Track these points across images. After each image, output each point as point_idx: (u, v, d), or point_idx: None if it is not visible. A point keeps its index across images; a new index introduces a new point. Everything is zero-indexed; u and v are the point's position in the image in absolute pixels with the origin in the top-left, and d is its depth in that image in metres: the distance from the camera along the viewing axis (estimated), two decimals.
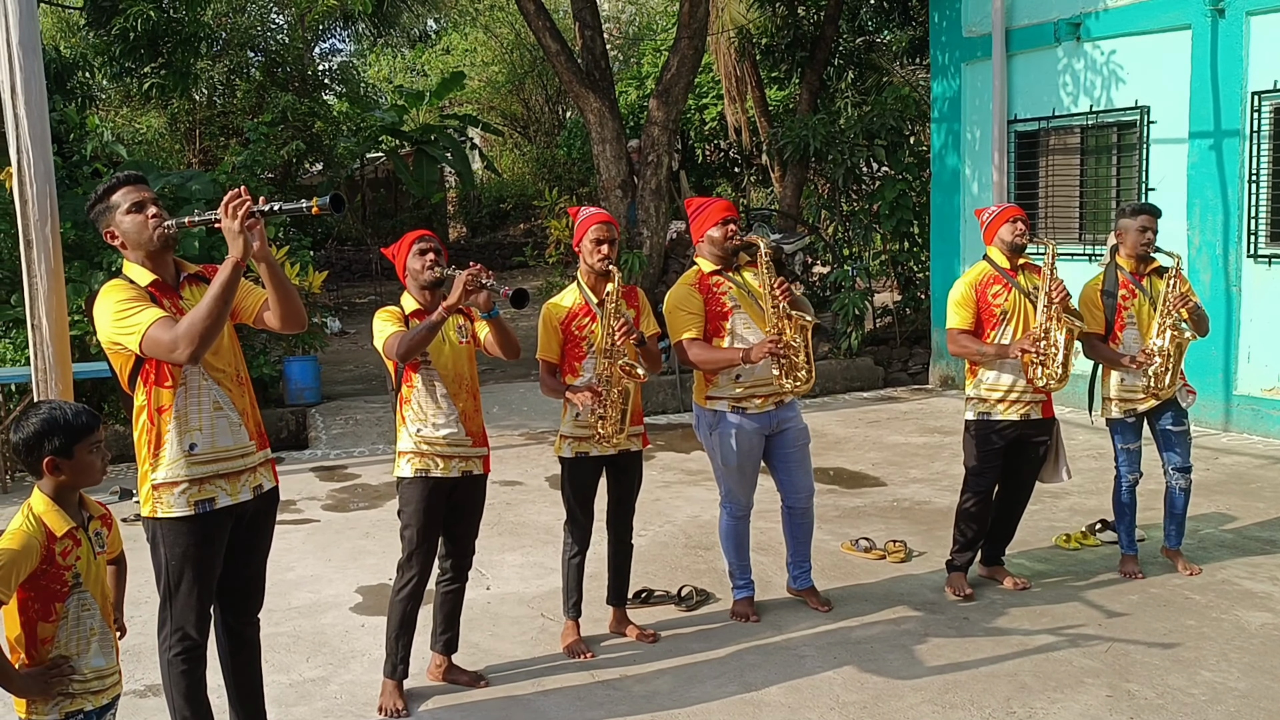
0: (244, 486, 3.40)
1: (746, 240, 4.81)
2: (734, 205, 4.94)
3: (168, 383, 3.25)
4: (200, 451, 3.29)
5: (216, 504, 3.32)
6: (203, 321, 3.02)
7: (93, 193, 3.30)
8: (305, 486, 7.76)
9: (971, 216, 10.41)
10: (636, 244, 10.80)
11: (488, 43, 24.26)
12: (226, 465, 3.34)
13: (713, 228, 4.80)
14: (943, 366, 10.88)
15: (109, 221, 3.27)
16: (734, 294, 4.80)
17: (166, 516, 3.27)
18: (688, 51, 10.66)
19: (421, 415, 4.15)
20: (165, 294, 3.28)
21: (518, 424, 9.48)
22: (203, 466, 3.29)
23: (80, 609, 2.80)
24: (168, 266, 3.34)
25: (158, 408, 3.26)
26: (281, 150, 14.24)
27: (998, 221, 5.18)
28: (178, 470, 3.26)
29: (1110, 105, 9.09)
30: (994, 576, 5.39)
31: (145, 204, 3.26)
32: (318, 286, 9.60)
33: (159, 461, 3.27)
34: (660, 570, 5.70)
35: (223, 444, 3.33)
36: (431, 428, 4.14)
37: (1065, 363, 5.01)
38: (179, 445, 3.27)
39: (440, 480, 4.16)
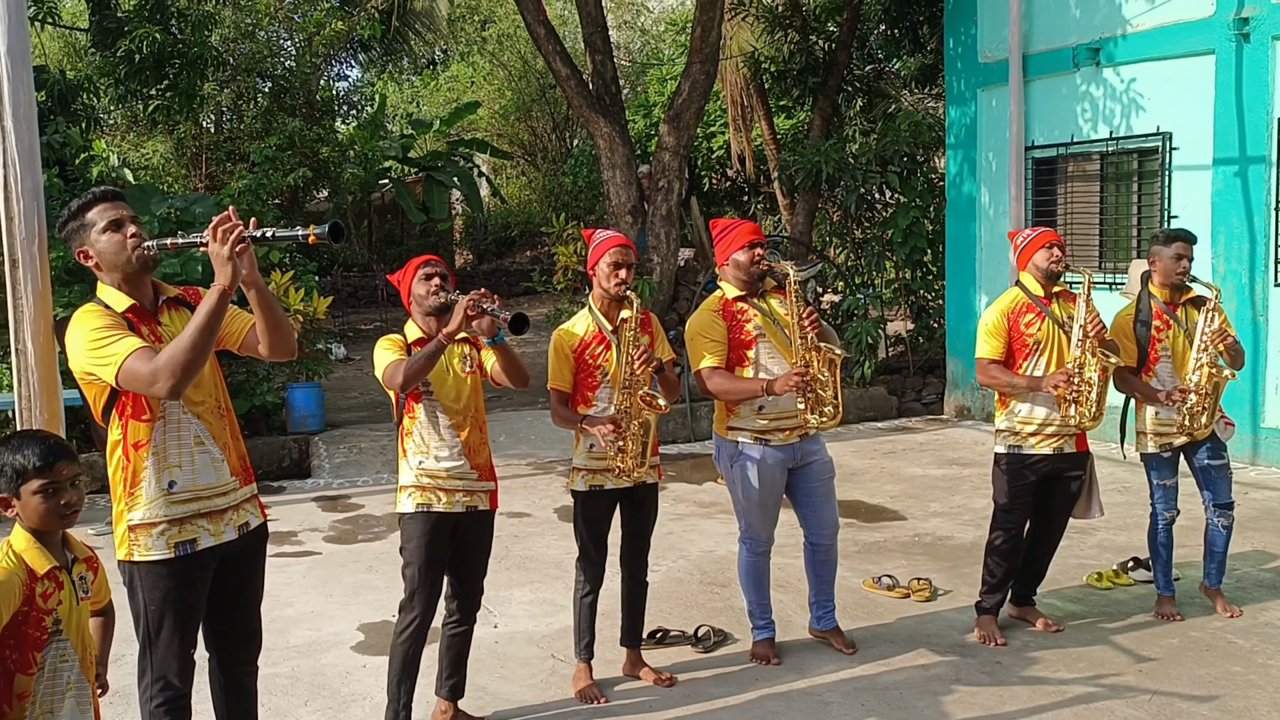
0: (228, 525, 3.16)
1: (774, 266, 4.61)
2: (760, 229, 4.72)
3: (145, 416, 3.03)
4: (180, 490, 3.06)
5: (198, 545, 3.08)
6: (185, 353, 2.80)
7: (65, 209, 3.09)
8: (307, 517, 7.54)
9: (988, 244, 10.24)
10: (647, 270, 10.62)
11: (494, 71, 24.23)
12: (208, 504, 3.11)
13: (739, 251, 4.60)
14: (958, 396, 10.66)
15: (83, 240, 3.04)
16: (759, 321, 4.60)
17: (144, 560, 3.04)
18: (699, 76, 10.53)
19: (424, 447, 3.95)
20: (143, 320, 3.06)
21: (525, 453, 9.26)
22: (183, 505, 3.06)
23: (58, 659, 2.55)
24: (146, 290, 3.12)
25: (134, 443, 3.04)
26: (288, 176, 14.10)
27: (1033, 246, 4.97)
28: (156, 510, 3.04)
29: (1131, 131, 8.92)
30: (1025, 618, 5.15)
31: (123, 222, 3.04)
32: (322, 312, 9.42)
33: (135, 501, 3.04)
34: (675, 608, 5.47)
35: (204, 481, 3.11)
36: (434, 460, 3.93)
37: (1100, 400, 4.80)
38: (157, 483, 3.03)
39: (444, 515, 3.95)
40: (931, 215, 11.46)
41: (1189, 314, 5.12)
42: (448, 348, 3.83)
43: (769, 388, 4.44)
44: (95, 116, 12.01)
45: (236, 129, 17.31)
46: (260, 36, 17.80)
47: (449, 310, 3.83)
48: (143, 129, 16.39)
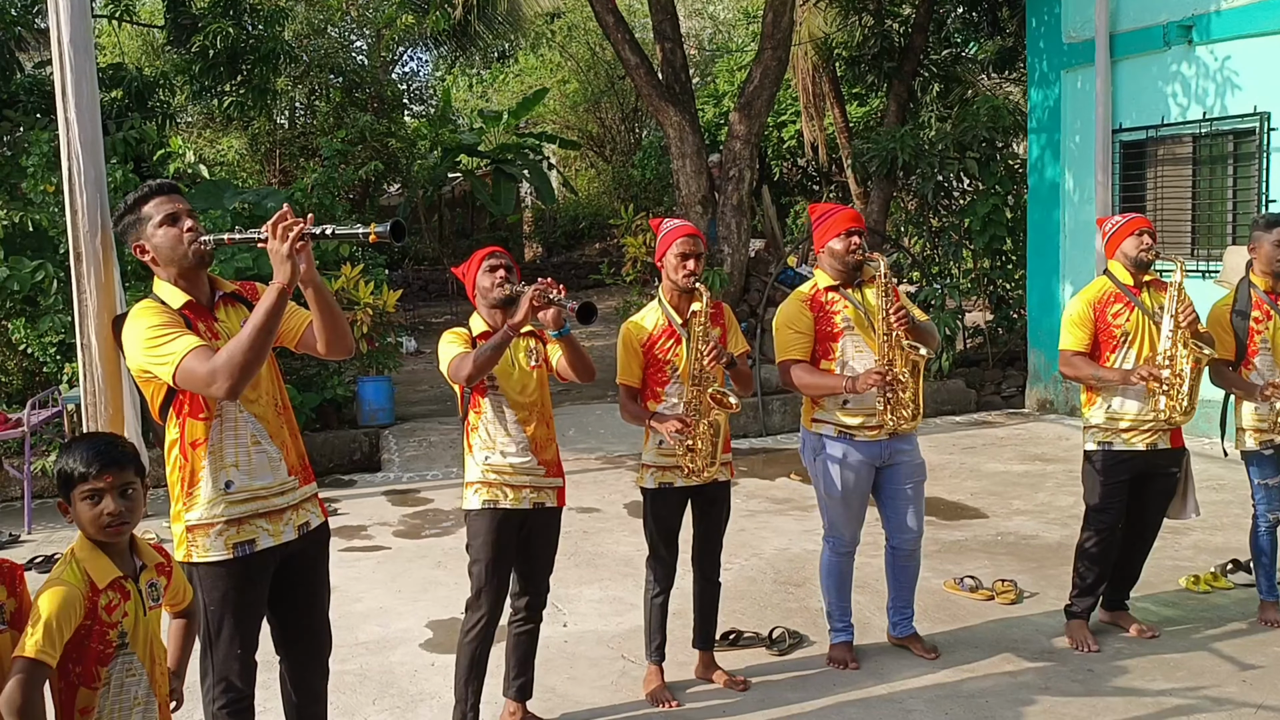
0: (287, 525, 3.08)
1: (868, 256, 4.41)
2: (859, 215, 4.51)
3: (202, 414, 2.96)
4: (237, 490, 2.99)
5: (257, 545, 3.02)
6: (244, 353, 2.72)
7: (120, 203, 3.03)
8: (377, 511, 7.53)
9: (1073, 231, 9.89)
10: (717, 261, 10.44)
11: (563, 63, 24.18)
12: (266, 503, 3.04)
13: (835, 238, 4.41)
14: (1040, 390, 10.32)
15: (139, 235, 2.98)
16: (848, 314, 4.42)
17: (203, 561, 2.97)
18: (771, 63, 10.31)
19: (490, 442, 3.84)
20: (200, 317, 2.99)
21: (594, 447, 9.16)
22: (241, 506, 2.99)
23: (125, 674, 2.46)
24: (202, 285, 3.05)
25: (191, 442, 2.97)
26: (359, 170, 14.20)
27: (1122, 233, 4.72)
28: (214, 510, 2.97)
29: (1225, 112, 8.51)
30: (1118, 623, 4.90)
31: (180, 216, 2.97)
32: (392, 306, 9.40)
33: (193, 501, 2.98)
34: (749, 609, 5.31)
35: (262, 480, 3.03)
36: (500, 455, 3.83)
37: (1192, 394, 4.54)
38: (214, 483, 2.97)
39: (510, 512, 3.84)
40: (1011, 203, 11.10)
41: None
42: (513, 341, 3.72)
43: (851, 385, 4.27)
44: (171, 113, 12.14)
45: (309, 124, 17.51)
46: (331, 32, 17.96)
47: (514, 302, 3.71)
48: (218, 125, 16.65)
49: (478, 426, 3.86)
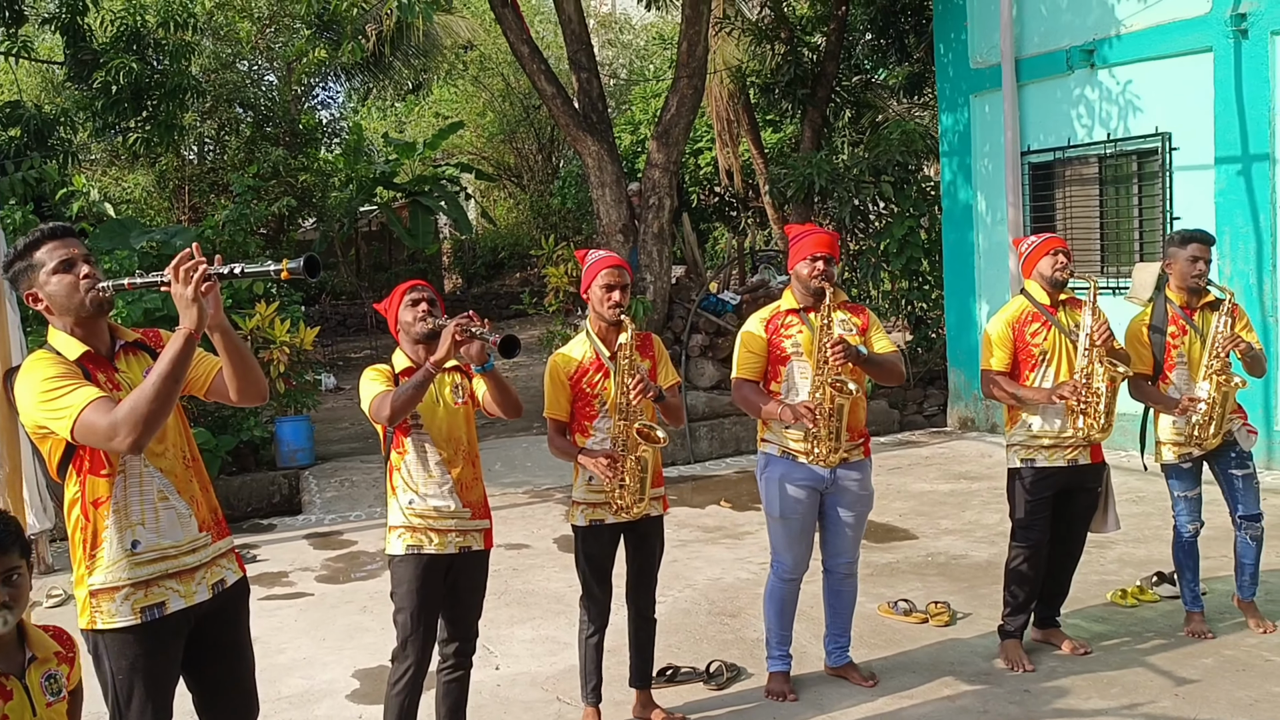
0: (200, 585, 2.90)
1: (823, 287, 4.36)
2: (833, 240, 4.44)
3: (104, 471, 2.77)
4: (145, 549, 2.80)
5: (167, 608, 2.83)
6: (148, 404, 2.56)
7: (11, 248, 2.84)
8: (298, 556, 7.29)
9: (986, 251, 10.07)
10: (640, 289, 10.41)
11: (477, 93, 24.06)
12: (176, 563, 2.86)
13: (801, 262, 4.39)
14: (961, 408, 10.46)
15: (31, 282, 2.79)
16: (800, 339, 4.38)
17: (109, 628, 2.79)
18: (687, 91, 10.35)
19: (413, 484, 3.71)
20: (99, 367, 2.82)
21: (521, 481, 9.03)
22: (148, 567, 2.81)
23: None
24: (101, 334, 2.87)
25: (93, 500, 2.78)
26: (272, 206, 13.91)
27: (1037, 253, 4.79)
28: (119, 573, 2.78)
29: (1129, 133, 8.76)
30: (1050, 640, 4.93)
31: (75, 262, 2.79)
32: (309, 343, 9.18)
33: (97, 564, 2.79)
34: (684, 642, 5.23)
35: (171, 538, 2.85)
36: (424, 499, 3.70)
37: (1109, 411, 4.60)
38: (119, 544, 2.78)
39: (435, 557, 3.71)
40: (926, 225, 11.29)
41: (1207, 319, 4.93)
42: (437, 377, 3.61)
43: (783, 414, 4.24)
44: (73, 151, 11.76)
45: (219, 160, 17.13)
46: (241, 66, 17.63)
47: (438, 336, 3.62)
48: (124, 162, 16.19)
49: (400, 467, 3.73)
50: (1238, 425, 4.92)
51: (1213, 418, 4.76)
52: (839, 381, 4.20)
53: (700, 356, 10.47)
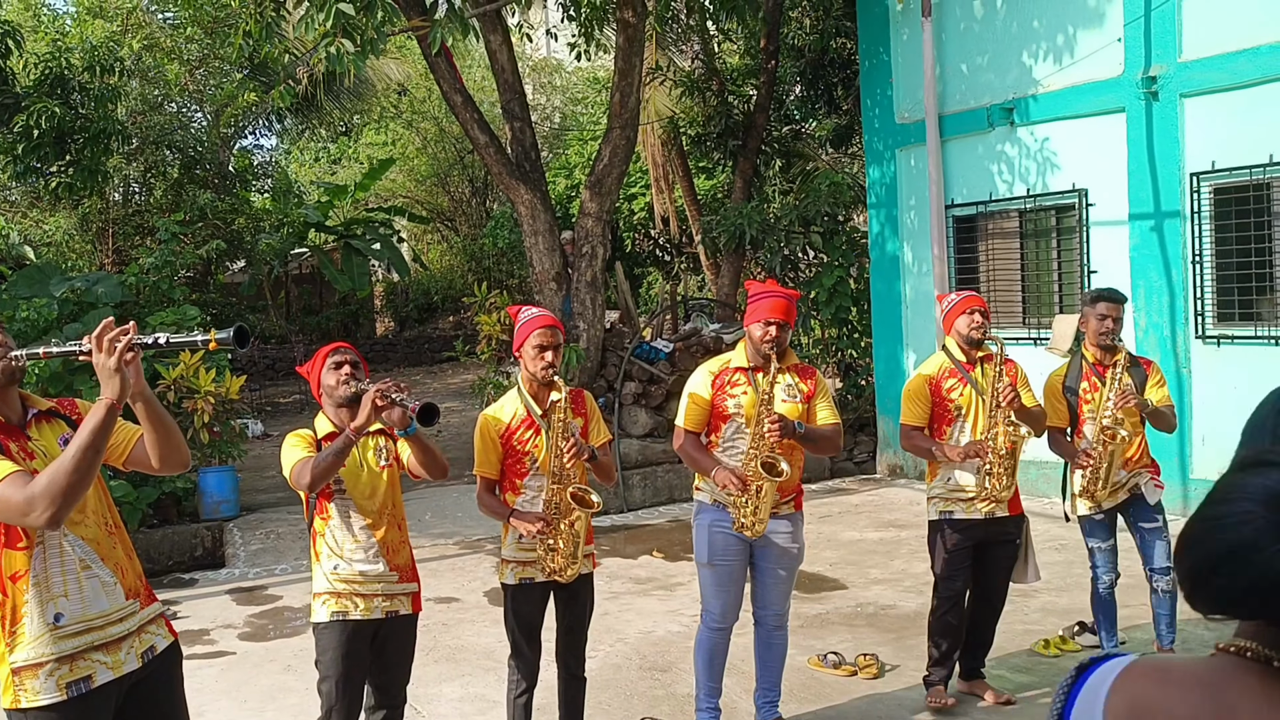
0: (129, 654, 2.84)
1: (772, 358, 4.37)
2: (790, 304, 4.38)
3: (20, 544, 2.70)
4: (68, 622, 2.73)
5: (94, 681, 2.76)
6: (67, 476, 2.51)
7: None
8: (220, 612, 7.12)
9: (913, 301, 10.28)
10: (573, 337, 10.43)
11: (409, 137, 24.05)
12: (103, 634, 2.79)
13: (755, 324, 4.40)
14: (890, 455, 10.60)
15: None
16: (744, 400, 4.39)
17: (33, 706, 2.70)
18: (620, 142, 10.45)
19: (338, 550, 3.66)
20: (10, 437, 2.76)
21: (451, 532, 8.93)
22: (74, 640, 2.74)
23: None
24: (12, 403, 2.82)
25: (11, 575, 2.71)
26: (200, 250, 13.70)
27: (955, 311, 4.90)
28: (42, 648, 2.71)
29: (1047, 189, 9.03)
30: (974, 692, 5.00)
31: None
32: (235, 392, 9.03)
33: (18, 640, 2.71)
34: (614, 699, 5.20)
35: (97, 608, 2.78)
36: (349, 564, 3.65)
37: (1011, 472, 4.71)
38: (41, 618, 2.71)
39: (361, 623, 3.66)
40: (854, 274, 11.49)
41: (1117, 376, 5.07)
42: (359, 441, 3.59)
43: (715, 476, 4.28)
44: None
45: (145, 202, 16.84)
46: (170, 108, 17.41)
47: (359, 401, 3.59)
48: (45, 205, 15.84)
49: (324, 533, 3.68)
50: (1145, 479, 5.05)
51: (1004, 469, 4.74)
52: (770, 461, 4.23)
53: (633, 404, 10.49)
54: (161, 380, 8.65)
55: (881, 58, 10.42)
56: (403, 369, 22.17)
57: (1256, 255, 7.70)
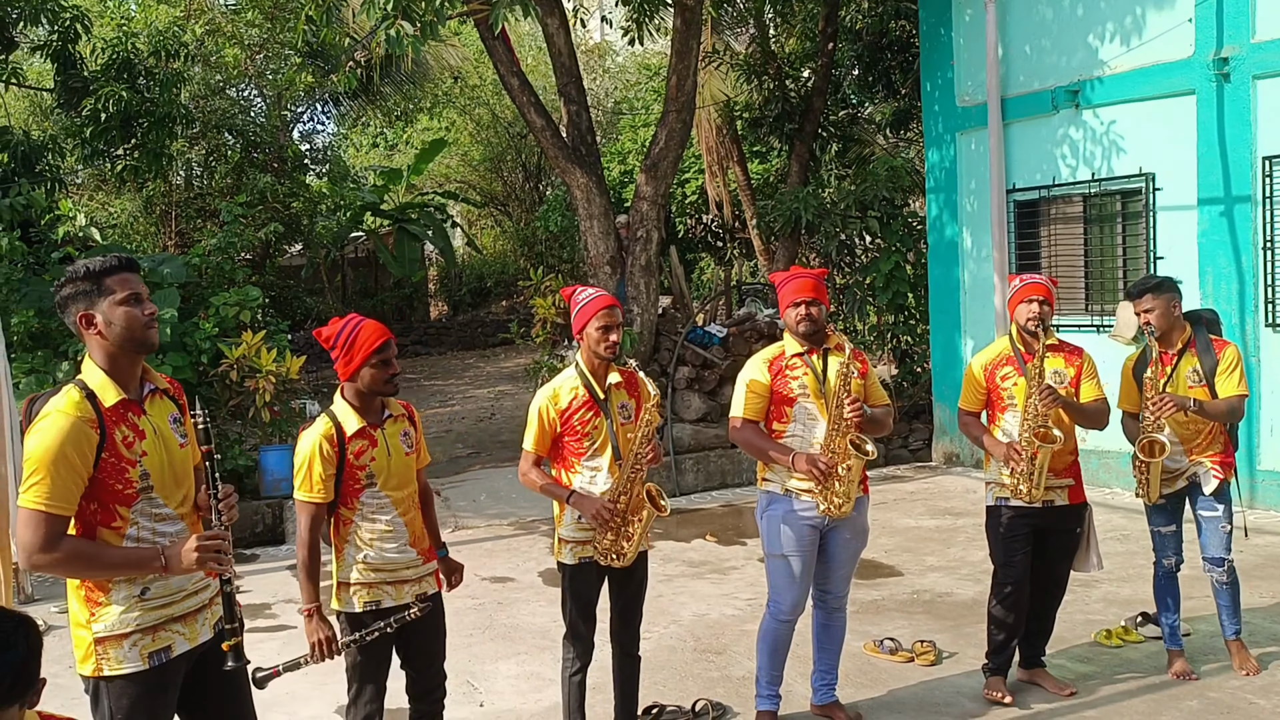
0: (204, 625, 2.98)
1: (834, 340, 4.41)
2: (817, 282, 4.41)
3: (115, 523, 2.81)
4: (154, 595, 2.85)
5: (173, 652, 2.89)
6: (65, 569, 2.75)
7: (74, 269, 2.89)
8: (281, 587, 7.24)
9: (971, 288, 10.15)
10: (628, 321, 10.43)
11: (463, 122, 24.17)
12: (183, 606, 2.92)
13: (789, 308, 4.41)
14: (946, 443, 10.49)
15: (91, 305, 2.84)
16: (807, 381, 4.38)
17: (116, 674, 2.81)
18: (675, 125, 10.42)
19: (368, 540, 3.64)
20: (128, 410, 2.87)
21: (506, 512, 9.00)
22: (156, 612, 2.86)
23: None
24: (134, 372, 2.94)
25: None
26: (259, 232, 13.89)
27: (1016, 299, 4.79)
28: (128, 618, 2.82)
29: (1113, 173, 8.85)
30: (1035, 680, 4.94)
31: (142, 298, 2.88)
32: (295, 372, 9.15)
33: (102, 610, 2.82)
34: (669, 679, 5.21)
35: (179, 583, 2.91)
36: (379, 553, 3.64)
37: (1037, 479, 4.61)
38: (129, 589, 2.82)
39: (393, 609, 3.68)
40: (912, 260, 11.36)
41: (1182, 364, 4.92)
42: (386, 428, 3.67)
43: (794, 463, 4.26)
44: (60, 177, 11.75)
45: (207, 185, 17.13)
46: (230, 93, 17.67)
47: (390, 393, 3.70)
48: (110, 187, 16.16)
49: (354, 522, 3.64)
50: (1205, 467, 4.91)
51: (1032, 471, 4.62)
52: (858, 441, 4.24)
53: (686, 389, 10.49)
54: (224, 360, 8.80)
55: (943, 38, 10.27)
56: (456, 353, 22.35)
57: None
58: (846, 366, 4.31)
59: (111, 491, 2.79)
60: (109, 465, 2.76)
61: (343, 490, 3.61)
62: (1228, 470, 4.91)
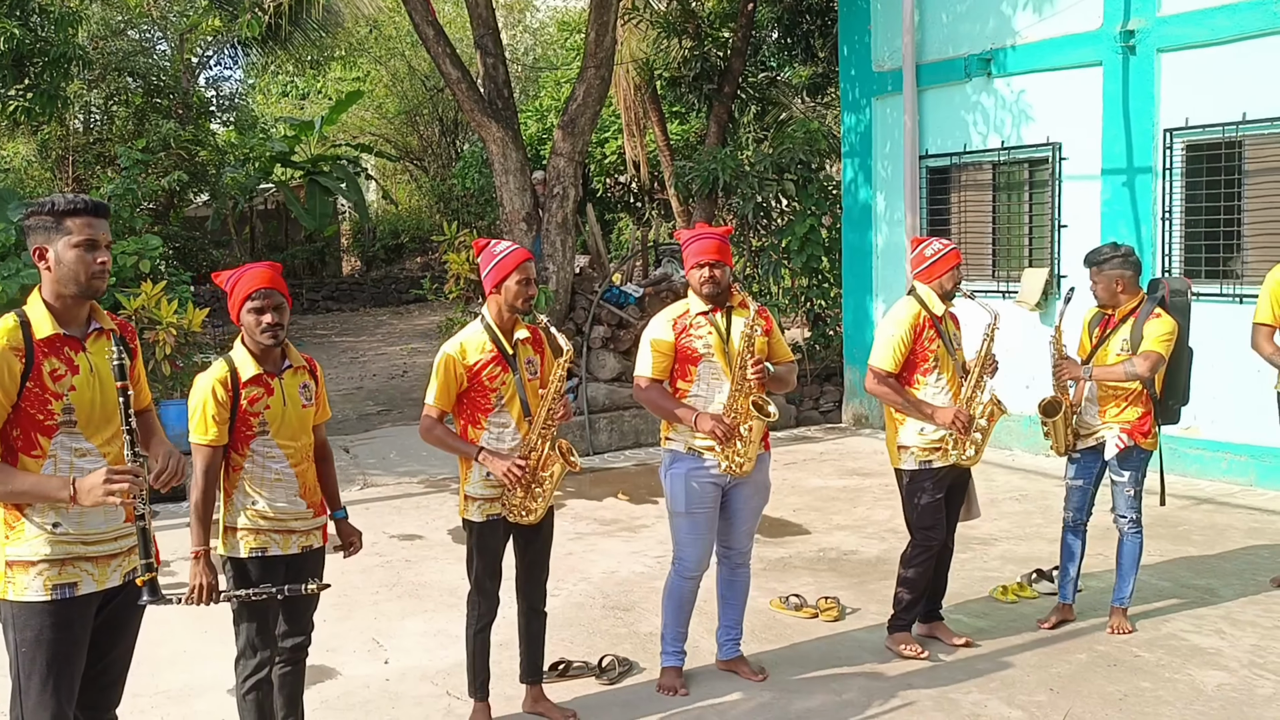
0: (115, 571, 3.01)
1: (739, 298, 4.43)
2: (722, 243, 4.42)
3: (35, 452, 2.87)
4: (64, 531, 2.89)
5: (79, 589, 2.92)
6: None
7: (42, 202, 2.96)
8: (182, 544, 6.98)
9: (884, 252, 10.27)
10: (543, 279, 10.34)
11: (378, 73, 23.62)
12: (95, 549, 2.96)
13: (693, 269, 4.41)
14: (856, 405, 10.66)
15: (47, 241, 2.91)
16: (711, 340, 4.39)
17: (19, 600, 2.88)
18: (594, 81, 10.31)
19: (259, 488, 3.62)
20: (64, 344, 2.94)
21: (416, 470, 8.92)
22: (67, 547, 2.90)
23: None
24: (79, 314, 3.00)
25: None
26: (162, 180, 13.43)
27: (943, 264, 4.80)
28: (37, 548, 2.87)
29: (1022, 142, 9.01)
30: (934, 634, 5.06)
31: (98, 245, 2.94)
32: (198, 325, 8.89)
33: (15, 534, 2.88)
34: (577, 636, 5.23)
35: (94, 527, 2.94)
36: (269, 502, 3.62)
37: (983, 443, 4.77)
38: (41, 520, 2.88)
39: (277, 559, 3.66)
40: (827, 223, 11.45)
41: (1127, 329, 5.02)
42: (286, 377, 3.64)
43: (697, 423, 4.27)
44: None
45: (106, 130, 16.49)
46: (132, 34, 17.00)
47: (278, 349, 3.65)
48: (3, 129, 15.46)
49: (244, 469, 3.61)
50: (1113, 432, 5.04)
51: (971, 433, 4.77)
52: (760, 402, 4.27)
53: (602, 348, 10.46)
54: (123, 310, 8.51)
55: (860, 4, 10.31)
56: (369, 309, 21.99)
57: (1225, 214, 7.74)
58: (750, 326, 4.32)
59: (32, 420, 2.86)
60: (32, 394, 2.85)
61: (235, 436, 3.57)
62: (1140, 437, 4.99)
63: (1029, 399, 8.64)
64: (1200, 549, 6.30)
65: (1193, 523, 6.84)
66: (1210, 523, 6.83)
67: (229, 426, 3.55)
